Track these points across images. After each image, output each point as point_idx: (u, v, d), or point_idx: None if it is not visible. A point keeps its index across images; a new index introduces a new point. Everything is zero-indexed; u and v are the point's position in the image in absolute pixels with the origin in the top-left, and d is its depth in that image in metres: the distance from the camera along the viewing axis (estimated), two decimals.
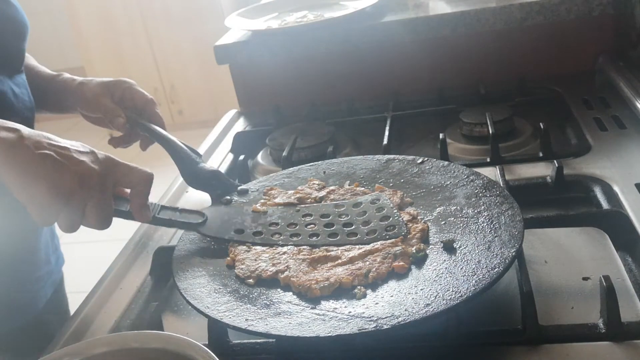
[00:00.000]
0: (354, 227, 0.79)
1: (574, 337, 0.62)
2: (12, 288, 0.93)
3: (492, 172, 0.90)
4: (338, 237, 0.78)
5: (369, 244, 0.76)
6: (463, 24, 1.23)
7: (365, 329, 0.61)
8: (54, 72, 1.02)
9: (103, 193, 0.67)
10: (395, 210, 0.80)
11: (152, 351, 0.58)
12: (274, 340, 0.67)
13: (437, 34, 1.26)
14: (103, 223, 0.69)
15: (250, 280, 0.73)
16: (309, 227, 0.81)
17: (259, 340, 0.68)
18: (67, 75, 1.00)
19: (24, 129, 0.66)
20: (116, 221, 0.71)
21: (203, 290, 0.70)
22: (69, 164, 0.65)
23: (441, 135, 1.01)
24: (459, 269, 0.68)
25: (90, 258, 1.10)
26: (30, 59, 1.03)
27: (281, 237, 0.79)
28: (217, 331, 0.68)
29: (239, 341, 0.68)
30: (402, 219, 0.79)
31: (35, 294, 0.98)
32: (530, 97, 1.19)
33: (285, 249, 0.77)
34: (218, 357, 0.54)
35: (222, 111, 1.44)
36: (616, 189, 0.84)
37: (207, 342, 0.67)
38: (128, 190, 0.73)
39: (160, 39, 3.85)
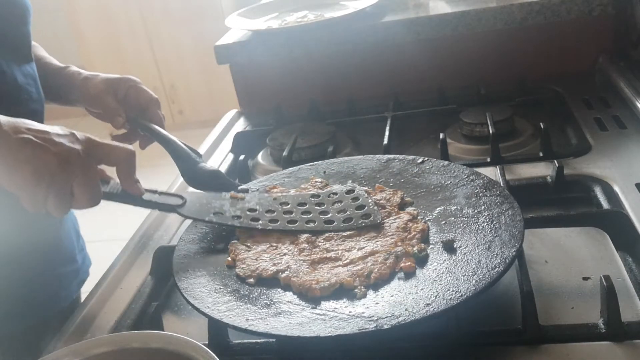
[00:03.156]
0: (330, 215, 0.82)
1: (574, 337, 0.62)
2: (32, 283, 0.93)
3: (492, 172, 0.90)
4: (315, 224, 0.80)
5: (344, 231, 0.79)
6: (463, 24, 1.23)
7: (366, 328, 0.61)
8: (62, 65, 1.02)
9: (86, 172, 0.67)
10: (370, 200, 0.83)
11: (152, 351, 0.58)
12: (274, 340, 0.67)
13: (438, 34, 1.26)
14: (91, 202, 0.69)
15: (251, 280, 0.73)
16: (286, 214, 0.82)
17: (259, 340, 0.68)
18: (74, 68, 1.00)
19: (0, 117, 0.65)
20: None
21: (203, 290, 0.70)
22: (49, 146, 0.65)
23: (441, 135, 1.01)
24: (460, 268, 0.68)
25: (90, 258, 1.11)
26: (40, 50, 1.03)
27: (260, 222, 0.81)
28: (217, 331, 0.68)
29: (239, 341, 0.68)
30: (376, 207, 0.82)
31: (57, 291, 0.98)
32: (530, 97, 1.19)
33: (286, 249, 0.77)
34: (218, 357, 0.54)
35: (222, 111, 1.44)
36: (616, 188, 0.84)
37: (207, 342, 0.67)
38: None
39: (160, 38, 3.85)
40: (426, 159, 0.91)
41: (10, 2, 0.88)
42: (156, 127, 0.94)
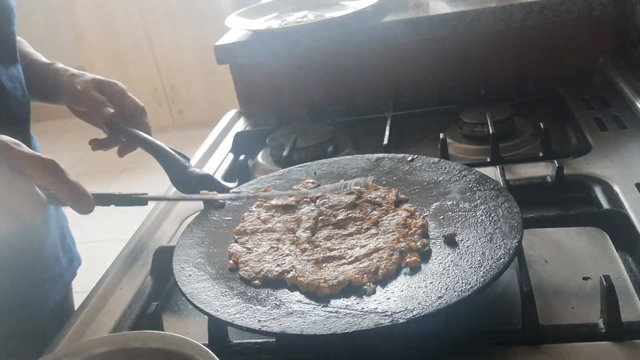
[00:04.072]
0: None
1: (574, 337, 0.62)
2: (16, 289, 0.92)
3: (492, 172, 0.90)
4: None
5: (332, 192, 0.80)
6: (463, 24, 1.23)
7: (382, 324, 0.61)
8: (48, 61, 1.00)
9: (13, 185, 0.60)
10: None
11: (152, 351, 0.58)
12: (274, 340, 0.67)
13: (438, 34, 1.26)
14: (36, 213, 0.61)
15: (256, 282, 0.72)
16: None
17: (259, 340, 0.68)
18: (60, 65, 0.98)
19: None
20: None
21: (209, 294, 0.70)
22: None
23: (441, 135, 1.01)
24: (465, 261, 0.68)
25: (90, 258, 1.10)
26: (27, 46, 1.01)
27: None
28: (217, 331, 0.68)
29: (239, 341, 0.68)
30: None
31: (43, 296, 0.96)
32: (530, 97, 1.19)
33: (287, 250, 0.77)
34: (218, 357, 0.54)
35: (222, 111, 1.44)
36: (616, 188, 0.84)
37: (207, 342, 0.67)
38: None
39: (160, 39, 3.85)
40: (416, 156, 0.91)
41: None
42: (142, 133, 0.92)
